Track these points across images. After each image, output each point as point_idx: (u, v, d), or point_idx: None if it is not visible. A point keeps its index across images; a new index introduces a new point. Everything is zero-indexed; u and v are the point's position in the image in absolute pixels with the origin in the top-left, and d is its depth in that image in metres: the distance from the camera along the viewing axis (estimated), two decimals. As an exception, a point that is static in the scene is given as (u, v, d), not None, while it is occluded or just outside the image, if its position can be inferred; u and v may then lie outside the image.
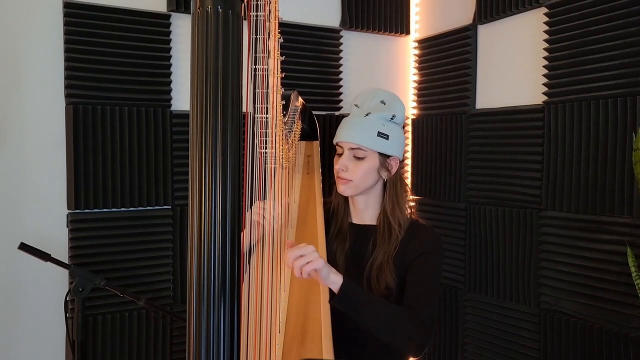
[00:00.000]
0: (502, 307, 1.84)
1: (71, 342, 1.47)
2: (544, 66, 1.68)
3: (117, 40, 1.71)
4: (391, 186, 1.48)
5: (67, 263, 1.58)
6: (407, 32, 2.29)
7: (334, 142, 1.52)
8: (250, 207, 1.29)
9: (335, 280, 1.22)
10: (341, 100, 2.16)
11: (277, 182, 1.35)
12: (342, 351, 1.26)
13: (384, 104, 1.48)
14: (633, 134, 1.34)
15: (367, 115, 1.46)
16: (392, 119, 1.47)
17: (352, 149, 1.45)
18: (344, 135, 1.47)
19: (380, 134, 1.44)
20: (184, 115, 1.83)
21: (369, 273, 1.42)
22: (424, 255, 1.41)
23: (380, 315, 1.28)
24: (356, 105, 1.52)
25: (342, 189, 1.47)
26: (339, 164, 1.46)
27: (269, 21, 0.95)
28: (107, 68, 1.70)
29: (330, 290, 1.25)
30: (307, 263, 1.16)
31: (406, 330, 1.29)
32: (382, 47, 2.28)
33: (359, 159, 1.44)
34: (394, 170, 1.48)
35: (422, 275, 1.39)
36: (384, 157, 1.46)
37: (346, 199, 1.56)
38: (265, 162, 1.11)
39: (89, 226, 1.70)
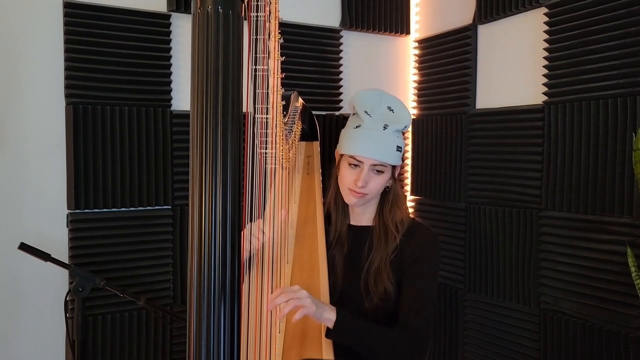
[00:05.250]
0: (502, 307, 1.84)
1: (71, 342, 1.47)
2: (544, 66, 1.68)
3: (117, 40, 1.71)
4: (390, 189, 1.48)
5: (67, 263, 1.58)
6: (407, 32, 2.29)
7: (348, 153, 1.41)
8: (251, 211, 1.28)
9: (328, 317, 1.22)
10: (341, 101, 2.16)
11: (277, 182, 1.35)
12: (342, 351, 1.26)
13: (392, 111, 1.44)
14: (633, 134, 1.34)
15: (385, 128, 1.41)
16: (403, 129, 1.46)
17: (375, 165, 1.40)
18: (365, 151, 1.39)
19: (398, 148, 1.42)
20: (184, 115, 1.83)
21: (366, 277, 1.41)
22: (419, 261, 1.39)
23: (375, 344, 1.29)
24: (367, 113, 1.43)
25: (354, 201, 1.43)
26: (361, 181, 1.38)
27: (269, 22, 0.95)
28: (107, 68, 1.70)
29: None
30: (297, 306, 1.15)
31: (402, 355, 1.31)
32: (382, 47, 2.28)
33: (378, 172, 1.41)
34: (396, 177, 1.49)
35: (417, 286, 1.38)
36: (394, 167, 1.46)
37: (343, 200, 1.54)
38: (265, 162, 1.11)
39: (89, 226, 1.70)
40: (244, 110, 0.74)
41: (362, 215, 1.52)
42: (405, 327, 1.34)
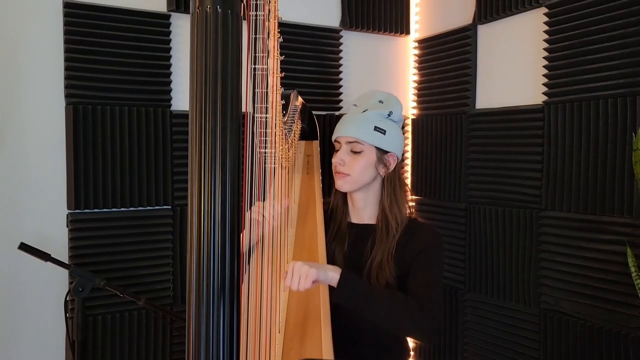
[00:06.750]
0: (502, 307, 1.84)
1: (71, 342, 1.47)
2: (544, 66, 1.68)
3: (117, 40, 1.71)
4: (389, 184, 1.49)
5: (67, 263, 1.58)
6: (407, 32, 2.29)
7: (333, 139, 1.54)
8: (250, 208, 1.29)
9: (333, 276, 1.24)
10: (341, 100, 2.16)
11: (276, 181, 1.35)
12: (342, 351, 1.26)
13: (382, 102, 1.51)
14: (633, 134, 1.34)
15: (364, 111, 1.48)
16: (389, 115, 1.49)
17: (349, 142, 1.46)
18: (340, 130, 1.49)
19: (377, 129, 1.45)
20: (184, 115, 1.83)
21: (368, 271, 1.43)
22: (424, 251, 1.42)
23: (383, 304, 1.28)
24: (355, 105, 1.54)
25: (340, 183, 1.48)
26: (336, 158, 1.48)
27: (269, 21, 0.95)
28: (107, 68, 1.70)
29: (331, 286, 1.26)
30: (304, 278, 1.17)
31: (411, 317, 1.29)
32: (382, 47, 2.28)
33: (356, 153, 1.46)
34: (391, 167, 1.49)
35: (424, 269, 1.40)
36: (382, 152, 1.47)
37: (345, 198, 1.56)
38: (265, 161, 1.11)
39: (89, 226, 1.70)
40: (243, 109, 0.74)
41: (363, 212, 1.53)
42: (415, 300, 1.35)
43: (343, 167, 1.46)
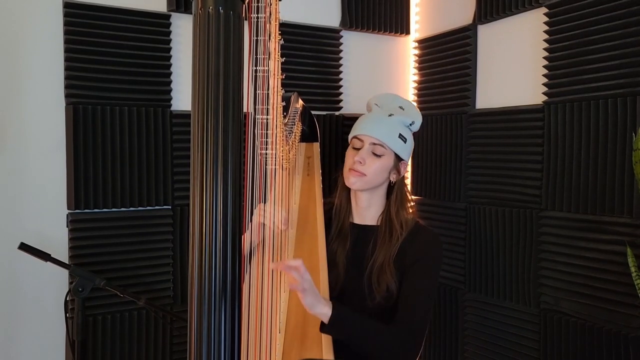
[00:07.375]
0: (502, 307, 1.84)
1: (71, 342, 1.47)
2: (544, 66, 1.68)
3: (117, 40, 1.71)
4: (398, 189, 1.51)
5: (67, 263, 1.58)
6: (407, 32, 2.29)
7: (353, 135, 1.52)
8: (251, 211, 1.30)
9: (322, 311, 1.21)
10: (341, 101, 2.16)
11: (277, 183, 1.35)
12: (342, 351, 1.26)
13: (403, 109, 1.51)
14: (633, 134, 1.34)
15: (390, 115, 1.49)
16: (410, 125, 1.52)
17: (374, 144, 1.46)
18: (367, 129, 1.48)
19: (400, 136, 1.47)
20: (184, 115, 1.83)
21: (369, 274, 1.43)
22: (421, 261, 1.42)
23: (369, 342, 1.30)
24: (377, 105, 1.54)
25: (353, 181, 1.47)
26: (358, 156, 1.46)
27: (270, 23, 0.95)
28: (107, 68, 1.69)
29: None
30: (298, 288, 1.15)
31: (397, 352, 1.32)
32: (382, 47, 2.28)
33: (376, 155, 1.46)
34: (402, 174, 1.52)
35: (417, 285, 1.40)
36: (398, 159, 1.49)
37: (349, 198, 1.57)
38: (265, 163, 1.12)
39: (89, 226, 1.70)
40: (245, 111, 0.74)
41: (367, 213, 1.53)
42: (400, 324, 1.35)
43: (362, 166, 1.46)
